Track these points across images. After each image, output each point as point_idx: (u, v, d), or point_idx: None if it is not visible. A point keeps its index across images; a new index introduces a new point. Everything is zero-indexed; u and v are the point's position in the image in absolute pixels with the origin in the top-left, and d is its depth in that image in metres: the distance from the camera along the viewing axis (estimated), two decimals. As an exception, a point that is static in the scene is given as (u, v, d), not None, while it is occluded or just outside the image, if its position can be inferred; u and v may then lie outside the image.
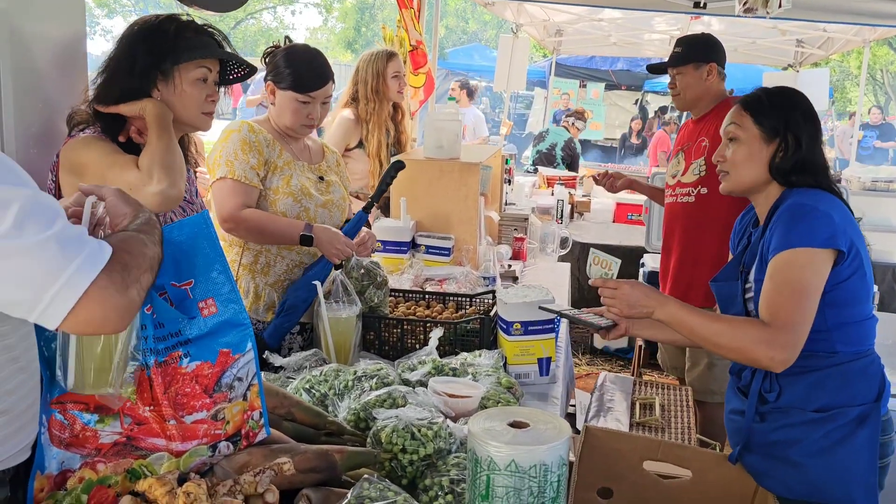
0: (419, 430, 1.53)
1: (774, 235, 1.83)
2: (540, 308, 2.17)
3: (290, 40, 2.51)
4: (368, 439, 1.57)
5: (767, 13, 3.96)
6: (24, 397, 1.21)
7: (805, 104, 1.98)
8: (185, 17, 1.86)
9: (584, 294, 4.78)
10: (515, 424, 1.32)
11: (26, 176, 1.07)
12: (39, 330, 1.27)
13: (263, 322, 2.43)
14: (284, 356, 2.09)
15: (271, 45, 2.50)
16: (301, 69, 2.43)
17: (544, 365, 2.23)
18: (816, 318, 1.79)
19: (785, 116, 1.93)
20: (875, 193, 5.33)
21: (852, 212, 1.92)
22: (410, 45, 4.60)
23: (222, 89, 2.01)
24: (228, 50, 1.92)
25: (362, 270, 2.40)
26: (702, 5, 4.80)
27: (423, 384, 1.89)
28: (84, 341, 1.22)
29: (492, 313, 2.35)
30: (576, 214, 5.91)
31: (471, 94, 8.44)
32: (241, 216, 2.35)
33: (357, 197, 3.59)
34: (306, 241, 2.35)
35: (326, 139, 3.72)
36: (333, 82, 2.49)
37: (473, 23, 26.54)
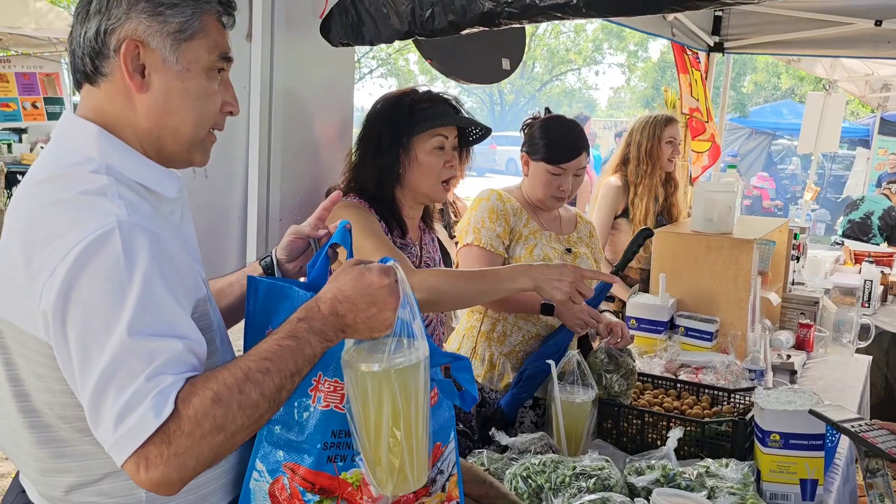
0: (625, 554, 1.35)
1: None
2: (811, 413, 1.81)
3: (550, 111, 2.49)
4: (568, 553, 1.43)
5: None
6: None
7: None
8: (422, 89, 1.92)
9: (891, 398, 4.03)
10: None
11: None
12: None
13: (497, 391, 2.39)
14: (514, 431, 2.01)
15: (530, 116, 2.50)
16: (554, 140, 2.39)
17: (808, 488, 1.87)
18: None
19: None
20: None
21: None
22: (682, 113, 4.35)
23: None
24: (463, 115, 1.94)
25: (606, 357, 2.25)
26: None
27: (650, 492, 1.69)
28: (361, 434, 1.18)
29: (748, 416, 2.05)
30: (890, 297, 5.07)
31: None
32: None
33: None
34: (547, 310, 2.28)
35: (590, 205, 3.64)
36: (588, 154, 2.42)
37: (787, 78, 24.67)
